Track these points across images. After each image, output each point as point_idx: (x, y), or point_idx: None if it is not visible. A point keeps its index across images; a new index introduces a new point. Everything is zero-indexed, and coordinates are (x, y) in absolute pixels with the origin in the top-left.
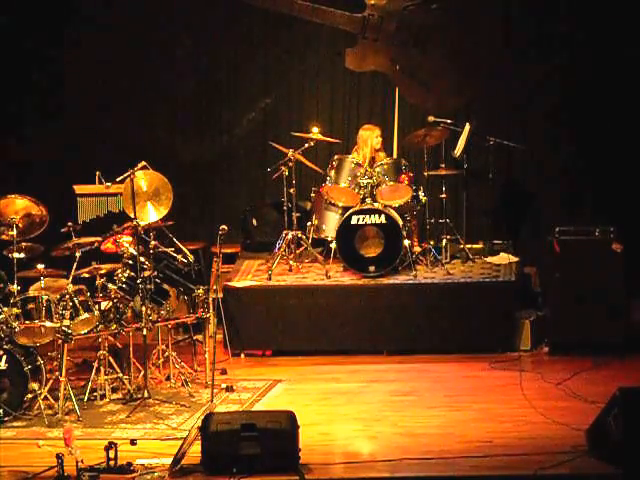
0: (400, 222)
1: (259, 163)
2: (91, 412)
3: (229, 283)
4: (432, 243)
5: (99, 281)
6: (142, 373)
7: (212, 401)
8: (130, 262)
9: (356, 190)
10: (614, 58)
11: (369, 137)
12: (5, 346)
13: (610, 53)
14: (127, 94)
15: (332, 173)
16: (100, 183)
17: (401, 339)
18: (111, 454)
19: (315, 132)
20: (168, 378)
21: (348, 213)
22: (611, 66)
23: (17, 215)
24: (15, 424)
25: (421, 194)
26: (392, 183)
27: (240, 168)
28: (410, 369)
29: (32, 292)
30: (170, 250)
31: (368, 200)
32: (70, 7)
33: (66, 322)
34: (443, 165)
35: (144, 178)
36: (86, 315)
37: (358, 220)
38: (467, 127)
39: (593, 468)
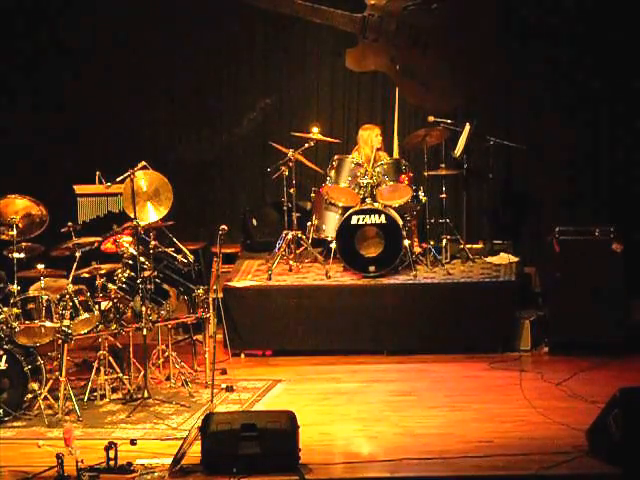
0: (400, 222)
1: (259, 163)
2: (91, 412)
3: (229, 283)
4: (432, 243)
5: (99, 281)
6: (142, 373)
7: (212, 401)
8: (130, 262)
9: (356, 190)
10: (615, 57)
11: (369, 136)
12: (5, 346)
13: (611, 52)
14: (127, 94)
15: (332, 173)
16: (100, 183)
17: (401, 339)
18: (111, 454)
19: (315, 132)
20: (168, 378)
21: (348, 213)
22: (611, 65)
23: (17, 215)
24: (15, 424)
25: (421, 194)
26: (392, 183)
27: (240, 168)
28: (410, 369)
29: (32, 292)
30: (170, 250)
31: (368, 200)
32: (70, 5)
33: (66, 322)
34: (443, 165)
35: (144, 178)
36: (86, 315)
37: (358, 220)
38: (467, 127)
39: (593, 468)
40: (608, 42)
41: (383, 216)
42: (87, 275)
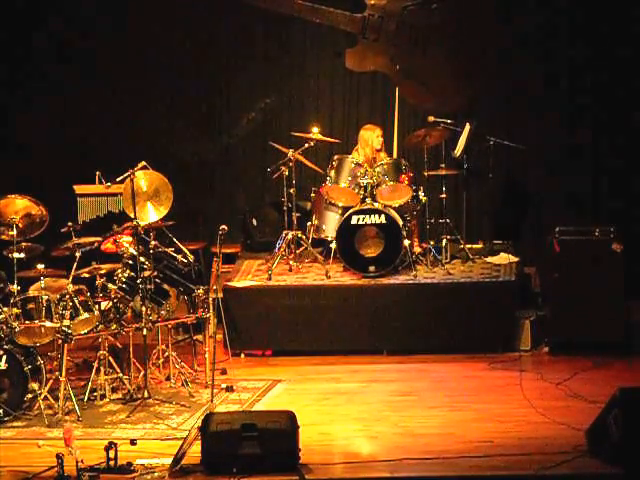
0: (400, 222)
1: (259, 163)
2: (91, 412)
3: (229, 283)
4: (432, 243)
5: (99, 281)
6: (142, 373)
7: (212, 401)
8: (130, 262)
9: (356, 190)
10: (614, 57)
11: (370, 137)
12: (5, 346)
13: (610, 52)
14: (127, 94)
15: (332, 173)
16: (100, 183)
17: (401, 339)
18: (111, 454)
19: (315, 132)
20: (168, 378)
21: (348, 213)
22: (611, 65)
23: (17, 215)
24: (15, 424)
25: (421, 194)
26: (392, 183)
27: (240, 168)
28: (410, 369)
29: (32, 292)
30: (170, 250)
31: (368, 200)
32: (70, 4)
33: (66, 322)
34: (443, 165)
35: (144, 178)
36: (86, 315)
37: (358, 220)
38: (467, 127)
39: (593, 468)
40: (609, 42)
41: (383, 216)
42: (87, 275)
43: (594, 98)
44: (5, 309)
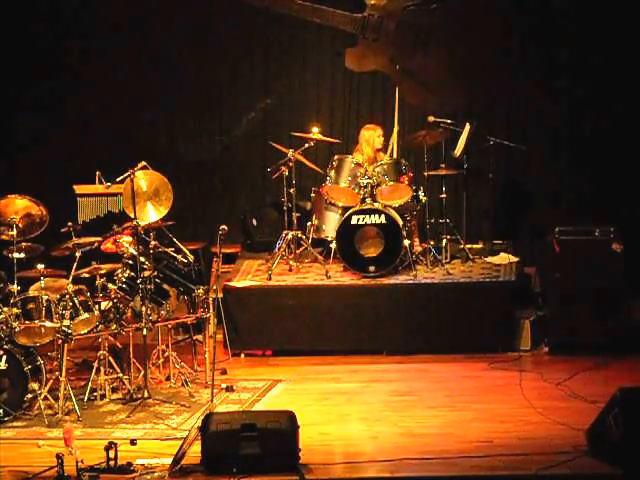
0: (400, 222)
1: (259, 163)
2: (91, 412)
3: (229, 283)
4: (432, 243)
5: (99, 281)
6: (142, 373)
7: (212, 401)
8: (130, 262)
9: (356, 190)
10: (614, 57)
11: (371, 137)
12: (5, 346)
13: (610, 51)
14: (127, 94)
15: (332, 173)
16: (100, 183)
17: (401, 339)
18: (111, 454)
19: (315, 132)
20: (168, 378)
21: (348, 213)
22: (611, 65)
23: (17, 215)
24: (15, 424)
25: (421, 194)
26: (392, 183)
27: (240, 168)
28: (410, 369)
29: (32, 292)
30: (170, 250)
31: (368, 200)
32: (70, 6)
33: (66, 322)
34: (443, 165)
35: (144, 178)
36: (86, 315)
37: (358, 220)
38: (467, 127)
39: (593, 468)
40: (609, 41)
41: (383, 216)
42: (87, 275)
43: (594, 98)
44: (5, 309)
